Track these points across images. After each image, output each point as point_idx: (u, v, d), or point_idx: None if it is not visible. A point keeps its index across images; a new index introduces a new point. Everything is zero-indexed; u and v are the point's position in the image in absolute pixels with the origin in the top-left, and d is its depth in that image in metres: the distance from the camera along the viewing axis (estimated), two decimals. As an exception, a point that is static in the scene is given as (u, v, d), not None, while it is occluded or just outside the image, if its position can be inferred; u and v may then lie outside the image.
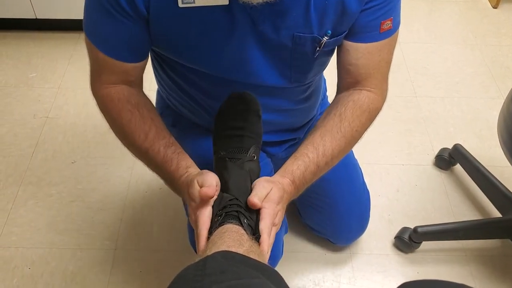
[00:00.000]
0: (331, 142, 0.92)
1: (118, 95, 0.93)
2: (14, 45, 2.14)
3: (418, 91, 2.00)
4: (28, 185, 1.63)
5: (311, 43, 0.91)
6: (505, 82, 2.05)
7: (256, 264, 0.66)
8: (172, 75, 1.04)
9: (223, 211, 0.80)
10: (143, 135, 0.91)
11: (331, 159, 0.93)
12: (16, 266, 1.42)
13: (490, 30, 2.32)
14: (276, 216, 0.82)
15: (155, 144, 0.90)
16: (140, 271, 1.42)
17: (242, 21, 0.86)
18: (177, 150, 0.91)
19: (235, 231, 0.75)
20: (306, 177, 0.90)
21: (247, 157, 0.87)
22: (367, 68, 0.95)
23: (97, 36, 0.89)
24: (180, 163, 0.89)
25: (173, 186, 0.90)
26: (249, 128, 0.90)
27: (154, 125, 0.92)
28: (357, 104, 0.96)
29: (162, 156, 0.89)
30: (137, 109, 0.92)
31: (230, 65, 0.93)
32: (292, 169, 0.90)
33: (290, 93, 1.05)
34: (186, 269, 0.62)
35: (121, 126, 0.92)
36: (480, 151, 1.75)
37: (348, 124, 0.94)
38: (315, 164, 0.91)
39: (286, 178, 0.89)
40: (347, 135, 0.94)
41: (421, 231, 1.42)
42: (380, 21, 0.91)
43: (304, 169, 0.90)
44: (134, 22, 0.85)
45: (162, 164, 0.90)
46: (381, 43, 0.93)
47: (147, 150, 0.90)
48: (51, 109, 1.87)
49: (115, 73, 0.92)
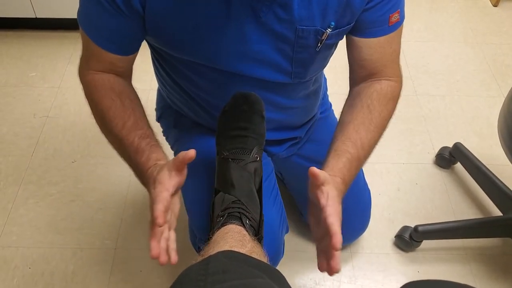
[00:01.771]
0: (366, 134, 0.93)
1: (103, 81, 0.93)
2: (14, 45, 2.14)
3: (419, 89, 2.00)
4: (28, 184, 1.63)
5: (314, 36, 0.90)
6: (505, 81, 2.04)
7: (259, 264, 0.66)
8: (172, 74, 1.04)
9: (226, 212, 0.80)
10: (121, 123, 0.89)
11: (368, 152, 0.94)
12: (17, 266, 1.42)
13: (490, 28, 2.32)
14: (340, 214, 0.80)
15: (130, 133, 0.89)
16: (141, 271, 1.42)
17: (242, 12, 0.85)
18: (151, 143, 0.89)
19: (238, 231, 0.75)
20: (352, 173, 0.90)
21: (250, 158, 0.87)
22: (381, 61, 0.97)
23: (89, 25, 0.89)
24: (151, 155, 0.87)
25: (141, 179, 0.89)
26: (253, 129, 0.90)
27: (133, 114, 0.91)
28: (381, 94, 0.97)
29: (136, 147, 0.88)
30: (118, 97, 0.92)
31: (229, 57, 0.92)
32: (339, 167, 0.88)
33: (291, 90, 1.05)
34: (189, 269, 0.62)
35: (101, 112, 0.92)
36: (480, 150, 1.75)
37: (378, 114, 0.95)
38: (357, 159, 0.91)
39: (338, 177, 0.87)
40: (379, 126, 0.95)
41: (421, 229, 1.42)
42: (389, 14, 0.92)
43: (349, 166, 0.89)
44: (126, 18, 0.85)
45: (134, 155, 0.88)
46: (391, 36, 0.95)
47: (122, 139, 0.89)
48: (51, 108, 1.87)
49: (102, 62, 0.92)
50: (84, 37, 0.91)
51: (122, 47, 0.91)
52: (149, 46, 1.02)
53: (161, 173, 0.80)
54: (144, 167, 0.85)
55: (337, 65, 1.04)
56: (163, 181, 0.79)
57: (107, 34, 0.88)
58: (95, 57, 0.92)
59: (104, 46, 0.90)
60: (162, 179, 0.79)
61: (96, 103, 0.92)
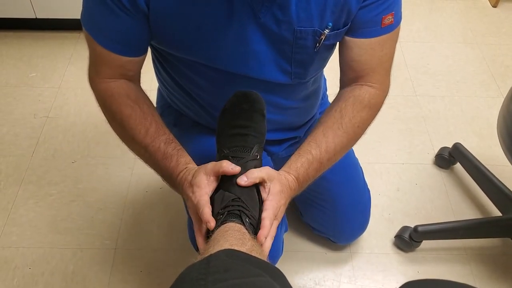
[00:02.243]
0: (333, 138, 0.93)
1: (118, 89, 0.93)
2: (14, 45, 2.14)
3: (418, 90, 2.00)
4: (28, 184, 1.63)
5: (312, 37, 0.91)
6: (505, 81, 2.05)
7: (260, 262, 0.66)
8: (173, 74, 1.04)
9: (226, 210, 0.80)
10: (143, 130, 0.90)
11: (333, 155, 0.94)
12: (17, 266, 1.42)
13: (490, 29, 2.32)
14: (278, 210, 0.83)
15: (155, 140, 0.90)
16: (141, 271, 1.42)
17: (243, 13, 0.86)
18: (176, 147, 0.91)
19: (238, 230, 0.75)
20: (310, 174, 0.91)
21: (250, 156, 0.87)
22: (370, 64, 0.96)
23: (94, 28, 0.89)
24: (180, 159, 0.89)
25: (171, 183, 0.90)
26: (253, 127, 0.90)
27: (154, 120, 0.92)
28: (357, 99, 0.96)
29: (163, 153, 0.89)
30: (137, 104, 0.92)
31: (230, 58, 0.93)
32: (296, 166, 0.91)
33: (291, 91, 1.05)
34: (190, 267, 0.62)
35: (121, 121, 0.92)
36: (480, 150, 1.75)
37: (349, 119, 0.95)
38: (318, 161, 0.92)
39: (291, 175, 0.89)
40: (348, 131, 0.95)
41: (421, 230, 1.42)
42: (382, 16, 0.91)
43: (307, 166, 0.91)
44: (132, 17, 0.85)
45: (162, 161, 0.90)
46: (383, 38, 0.94)
47: (147, 146, 0.90)
48: (51, 108, 1.87)
49: (112, 67, 0.92)
50: (91, 42, 0.90)
51: (130, 48, 0.91)
52: (150, 46, 1.02)
53: (198, 177, 0.83)
54: (175, 172, 0.88)
55: (336, 65, 1.04)
56: (202, 185, 0.82)
57: (115, 35, 0.88)
58: (104, 62, 0.91)
59: (112, 48, 0.89)
60: (200, 183, 0.82)
61: (115, 112, 0.92)
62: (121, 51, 0.90)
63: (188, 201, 0.84)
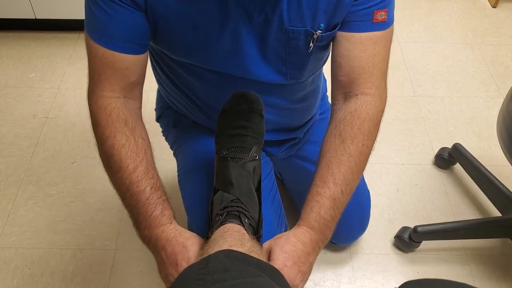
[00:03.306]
0: (339, 167, 0.86)
1: (117, 111, 0.87)
2: (14, 46, 2.14)
3: (418, 90, 2.00)
4: (28, 185, 1.63)
5: (304, 37, 0.90)
6: (504, 82, 2.05)
7: (259, 263, 0.66)
8: (170, 75, 1.04)
9: (225, 211, 0.80)
10: (132, 166, 0.84)
11: (346, 185, 0.85)
12: (16, 266, 1.42)
13: (489, 29, 2.32)
14: (295, 278, 0.77)
15: (141, 181, 0.84)
16: (140, 271, 1.42)
17: (237, 14, 0.86)
18: (162, 196, 0.85)
19: (237, 230, 0.75)
20: (325, 215, 0.83)
21: (249, 157, 0.87)
22: (359, 61, 0.89)
23: (97, 30, 0.86)
24: (165, 211, 0.84)
25: (145, 231, 0.84)
26: (252, 128, 0.90)
27: (145, 158, 0.86)
28: (354, 115, 0.89)
29: (147, 197, 0.83)
30: (133, 136, 0.87)
31: (225, 59, 0.92)
32: (306, 214, 0.84)
33: (288, 91, 1.05)
34: (189, 268, 0.62)
35: (111, 148, 0.86)
36: (479, 151, 1.75)
37: (351, 141, 0.87)
38: (329, 198, 0.84)
39: (302, 227, 0.83)
40: (354, 154, 0.87)
41: (421, 230, 1.42)
42: (374, 10, 0.87)
43: (318, 209, 0.83)
44: (132, 11, 0.84)
45: (143, 205, 0.83)
46: (375, 35, 0.89)
47: (131, 183, 0.84)
48: (51, 109, 1.87)
49: (115, 70, 0.87)
50: (93, 50, 0.87)
51: (132, 44, 0.88)
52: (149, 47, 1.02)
53: (193, 249, 0.79)
54: (155, 221, 0.83)
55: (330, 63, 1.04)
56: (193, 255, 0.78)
57: (117, 32, 0.86)
58: (108, 67, 0.87)
59: (115, 47, 0.86)
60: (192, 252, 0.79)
61: (108, 137, 0.86)
62: (124, 48, 0.87)
63: (168, 259, 0.80)
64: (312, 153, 1.27)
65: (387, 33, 0.91)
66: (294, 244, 0.79)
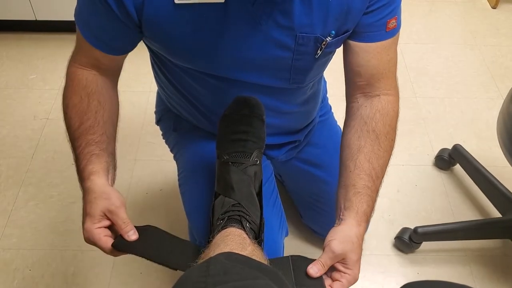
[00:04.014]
0: (378, 161, 0.92)
1: (81, 77, 0.93)
2: (14, 47, 2.14)
3: (418, 91, 2.00)
4: (28, 186, 1.63)
5: (314, 44, 0.90)
6: (504, 82, 2.05)
7: (259, 265, 0.66)
8: (171, 78, 1.04)
9: (226, 215, 0.80)
10: (77, 123, 0.91)
11: (382, 178, 0.93)
12: (17, 268, 1.42)
13: (489, 30, 2.32)
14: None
15: (81, 137, 0.90)
16: (141, 273, 1.42)
17: (241, 19, 0.85)
18: (93, 151, 0.89)
19: (238, 234, 0.75)
20: (373, 207, 0.91)
21: (250, 162, 0.87)
22: (378, 69, 0.94)
23: (81, 20, 0.89)
24: (87, 166, 0.88)
25: (79, 182, 0.90)
26: (253, 132, 0.90)
27: (93, 117, 0.91)
28: (383, 113, 0.95)
29: (78, 152, 0.90)
30: (87, 97, 0.92)
31: (228, 64, 0.92)
32: (363, 208, 0.89)
33: (290, 95, 1.05)
34: (189, 271, 0.62)
35: (66, 108, 0.94)
36: (479, 151, 1.75)
37: (385, 137, 0.94)
38: (375, 191, 0.91)
39: (363, 222, 0.88)
40: (387, 149, 0.94)
41: (421, 231, 1.42)
42: (387, 19, 0.91)
43: (371, 203, 0.90)
44: (118, 22, 0.84)
45: (75, 160, 0.91)
46: (388, 42, 0.93)
47: (74, 140, 0.91)
48: (51, 110, 1.87)
49: (87, 56, 0.92)
50: (77, 32, 0.91)
51: (110, 47, 0.91)
52: (148, 49, 1.01)
53: (94, 208, 0.85)
54: (80, 176, 0.89)
55: (336, 67, 1.04)
56: (95, 219, 0.88)
57: (97, 32, 0.88)
58: (83, 51, 0.92)
59: (92, 42, 0.89)
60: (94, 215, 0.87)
61: (65, 96, 0.95)
62: (99, 47, 0.90)
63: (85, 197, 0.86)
64: (312, 155, 1.27)
65: (396, 38, 0.96)
66: (353, 242, 0.85)
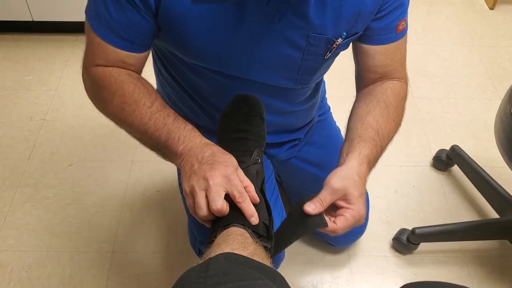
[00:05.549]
0: (385, 125, 0.94)
1: (117, 70, 0.88)
2: (11, 48, 2.14)
3: (416, 92, 2.00)
4: (25, 187, 1.62)
5: (325, 45, 0.91)
6: (502, 83, 2.05)
7: (259, 265, 0.65)
8: (174, 74, 1.03)
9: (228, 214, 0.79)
10: (149, 102, 0.85)
11: (387, 143, 0.95)
12: (13, 270, 1.41)
13: (487, 31, 2.33)
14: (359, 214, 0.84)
15: (163, 110, 0.85)
16: (138, 274, 1.41)
17: (256, 18, 0.85)
18: (187, 123, 0.86)
19: (240, 234, 0.74)
20: (375, 160, 0.92)
21: (251, 160, 0.87)
22: (391, 66, 0.99)
23: (97, 20, 0.86)
24: (196, 129, 0.85)
25: (181, 141, 0.83)
26: (253, 131, 0.90)
27: (159, 97, 0.88)
28: (395, 91, 0.98)
29: (174, 118, 0.84)
30: (140, 82, 0.88)
31: (237, 62, 0.92)
32: (366, 153, 0.89)
33: (293, 95, 1.05)
34: (189, 271, 0.61)
35: (122, 97, 0.85)
36: (477, 152, 1.75)
37: (394, 109, 0.96)
38: (380, 147, 0.92)
39: (364, 164, 0.88)
40: (395, 120, 0.96)
41: (419, 232, 1.42)
42: (397, 22, 0.94)
43: (375, 153, 0.91)
44: (140, 13, 0.83)
45: (172, 123, 0.84)
46: (399, 42, 0.97)
47: (152, 113, 0.84)
48: (48, 111, 1.87)
49: (108, 61, 0.88)
50: (90, 33, 0.87)
51: (132, 44, 0.88)
52: (153, 46, 1.01)
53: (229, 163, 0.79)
54: (192, 133, 0.83)
55: (335, 68, 1.04)
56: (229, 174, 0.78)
57: (118, 29, 0.85)
58: (103, 56, 0.88)
59: (112, 41, 0.86)
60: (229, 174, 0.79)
61: (115, 90, 0.86)
62: (123, 46, 0.87)
63: (202, 172, 0.77)
64: (311, 154, 1.27)
65: (406, 36, 1.00)
66: (357, 178, 0.84)
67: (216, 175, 0.76)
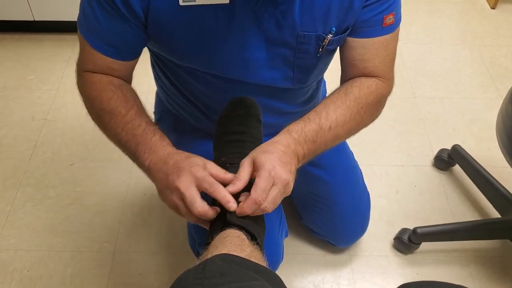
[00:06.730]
0: (335, 109, 0.90)
1: (100, 77, 0.91)
2: (12, 47, 2.14)
3: (417, 92, 2.00)
4: (26, 187, 1.62)
5: (315, 42, 0.91)
6: (503, 83, 2.05)
7: (256, 266, 0.66)
8: (172, 79, 1.04)
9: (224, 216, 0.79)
10: (124, 111, 0.87)
11: (335, 126, 0.89)
12: (15, 269, 1.41)
13: (488, 31, 2.32)
14: (287, 174, 0.79)
15: (136, 119, 0.87)
16: (139, 274, 1.42)
17: (245, 19, 0.85)
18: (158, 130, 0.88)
19: (237, 236, 0.75)
20: (308, 133, 0.86)
21: None
22: (373, 62, 0.95)
23: (86, 28, 0.88)
24: (164, 138, 0.86)
25: (147, 154, 0.84)
26: (250, 133, 0.90)
27: (136, 105, 0.89)
28: (364, 84, 0.94)
29: (143, 129, 0.86)
30: (119, 90, 0.90)
31: (230, 64, 0.92)
32: (290, 126, 0.87)
33: (292, 96, 1.05)
34: (186, 272, 0.62)
35: (100, 104, 0.89)
36: (479, 152, 1.75)
37: (354, 98, 0.91)
38: (317, 124, 0.87)
39: (282, 134, 0.85)
40: (352, 109, 0.91)
41: (420, 232, 1.42)
42: (383, 15, 0.91)
43: (303, 125, 0.87)
44: (126, 22, 0.84)
45: (141, 135, 0.85)
46: (386, 38, 0.94)
47: (125, 123, 0.86)
48: (50, 111, 1.87)
49: (98, 66, 0.91)
50: (82, 42, 0.90)
51: (120, 52, 0.90)
52: (149, 50, 1.01)
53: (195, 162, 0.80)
54: (157, 144, 0.84)
55: (335, 67, 1.04)
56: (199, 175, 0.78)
57: (105, 37, 0.87)
58: (92, 61, 0.91)
59: (101, 49, 0.89)
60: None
61: (94, 96, 0.90)
62: (110, 53, 0.89)
63: (171, 184, 0.79)
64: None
65: (395, 34, 0.96)
66: (275, 146, 0.81)
67: (183, 181, 0.77)
